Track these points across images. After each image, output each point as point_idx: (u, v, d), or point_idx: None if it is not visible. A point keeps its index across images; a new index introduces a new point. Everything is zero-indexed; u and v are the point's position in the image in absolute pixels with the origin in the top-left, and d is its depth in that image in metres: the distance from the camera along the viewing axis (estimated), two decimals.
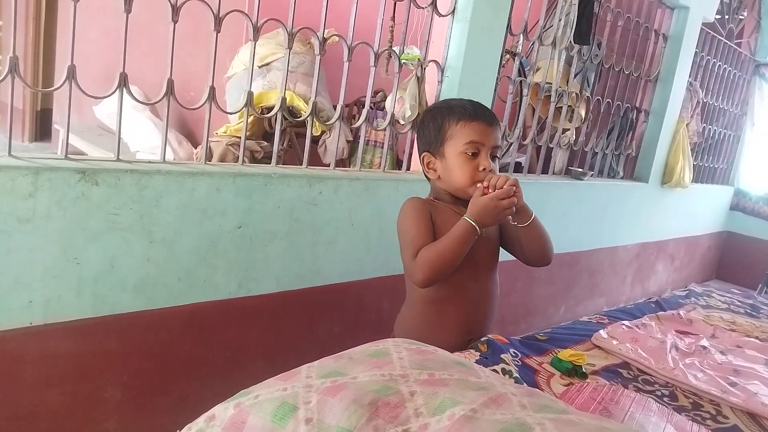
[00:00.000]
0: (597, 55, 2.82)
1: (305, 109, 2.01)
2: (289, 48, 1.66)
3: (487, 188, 1.25)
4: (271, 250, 1.66)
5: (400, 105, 2.07)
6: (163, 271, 1.46)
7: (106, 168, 1.34)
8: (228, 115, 2.29)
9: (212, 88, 1.54)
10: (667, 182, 3.48)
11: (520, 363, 1.31)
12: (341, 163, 2.53)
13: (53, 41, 4.70)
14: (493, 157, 1.34)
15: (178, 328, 1.54)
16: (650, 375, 1.43)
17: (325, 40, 1.71)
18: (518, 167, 2.81)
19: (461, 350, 1.30)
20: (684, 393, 1.36)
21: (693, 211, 4.05)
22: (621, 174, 3.30)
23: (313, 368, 0.86)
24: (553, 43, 2.50)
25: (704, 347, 1.64)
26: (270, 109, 1.83)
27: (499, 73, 2.24)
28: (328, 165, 1.89)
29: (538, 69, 2.62)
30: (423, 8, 1.96)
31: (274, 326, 1.75)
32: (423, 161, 1.40)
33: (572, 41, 2.54)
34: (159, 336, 1.51)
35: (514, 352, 1.33)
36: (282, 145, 2.48)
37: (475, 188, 1.28)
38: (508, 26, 2.18)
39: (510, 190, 1.23)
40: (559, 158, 2.86)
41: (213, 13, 1.48)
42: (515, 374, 1.21)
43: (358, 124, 1.95)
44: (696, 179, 3.93)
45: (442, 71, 2.08)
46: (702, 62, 3.60)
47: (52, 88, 1.36)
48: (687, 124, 3.49)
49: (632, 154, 3.34)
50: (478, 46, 2.05)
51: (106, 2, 1.84)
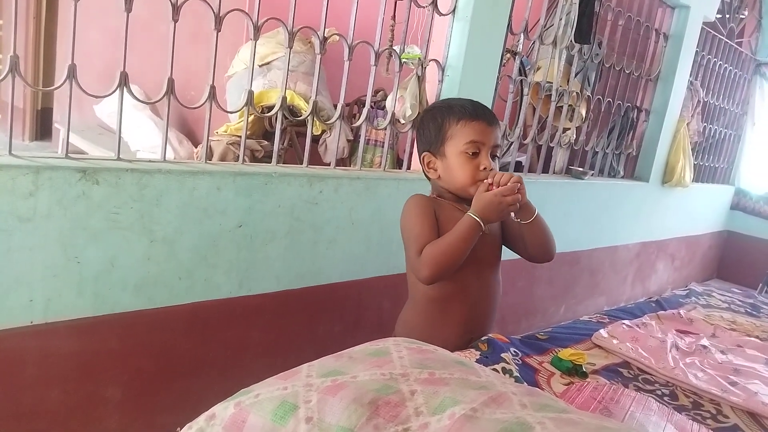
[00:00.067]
0: (598, 54, 2.81)
1: (306, 108, 2.01)
2: (290, 47, 1.66)
3: (491, 185, 1.26)
4: (271, 249, 1.66)
5: (401, 104, 2.07)
6: (163, 270, 1.46)
7: (107, 167, 1.34)
8: (228, 114, 2.29)
9: (213, 87, 1.54)
10: (667, 181, 3.48)
11: (520, 362, 1.31)
12: (342, 162, 2.53)
13: (54, 40, 4.70)
14: (494, 156, 1.34)
15: (179, 328, 1.54)
16: (650, 374, 1.43)
17: (325, 39, 1.71)
18: (519, 166, 2.81)
19: (462, 349, 1.30)
20: (684, 392, 1.36)
21: (693, 211, 4.05)
22: (621, 173, 3.30)
23: (313, 367, 0.86)
24: (554, 43, 2.50)
25: (705, 347, 1.64)
26: (270, 108, 1.83)
27: (499, 72, 2.23)
28: (329, 164, 1.89)
29: (538, 68, 2.62)
30: (423, 7, 1.96)
31: (275, 325, 1.75)
32: (423, 161, 1.40)
33: (573, 40, 2.54)
34: (159, 335, 1.51)
35: (515, 351, 1.33)
36: (282, 144, 2.48)
37: (476, 187, 1.29)
38: (509, 25, 2.17)
39: (514, 187, 1.24)
40: (560, 157, 2.86)
41: (213, 12, 1.48)
42: (515, 373, 1.21)
43: (358, 123, 1.95)
44: (696, 179, 3.93)
45: (443, 70, 2.07)
46: (703, 61, 3.60)
47: (52, 87, 1.36)
48: (688, 124, 3.48)
49: (633, 154, 3.33)
50: (478, 46, 2.05)
51: (107, 1, 1.84)
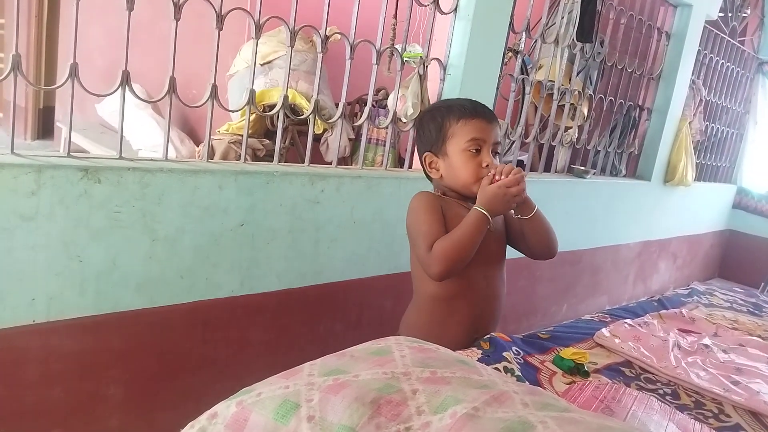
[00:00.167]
0: (599, 53, 2.81)
1: (307, 107, 2.00)
2: (291, 46, 1.66)
3: (495, 176, 1.27)
4: (273, 248, 1.66)
5: (402, 103, 2.06)
6: (165, 269, 1.46)
7: (109, 166, 1.34)
8: (230, 113, 2.29)
9: (214, 86, 1.54)
10: (669, 180, 3.47)
11: (522, 361, 1.31)
12: (343, 161, 2.52)
13: (55, 39, 4.70)
14: (495, 153, 1.36)
15: (180, 326, 1.54)
16: (652, 373, 1.43)
17: (327, 38, 1.70)
18: (520, 165, 2.81)
19: (467, 347, 1.30)
20: (686, 391, 1.36)
21: (695, 210, 4.05)
22: (623, 172, 3.30)
23: (315, 366, 0.86)
24: (556, 41, 2.49)
25: (707, 346, 1.63)
26: (272, 107, 1.83)
27: (501, 71, 2.23)
28: (330, 163, 1.89)
29: (540, 67, 2.62)
30: (425, 6, 1.96)
31: (276, 324, 1.75)
32: (425, 161, 1.41)
33: (575, 39, 2.53)
34: (161, 334, 1.51)
35: (517, 351, 1.33)
36: (284, 143, 2.47)
37: (479, 185, 1.30)
38: (511, 24, 2.17)
39: (518, 178, 1.26)
40: (562, 156, 2.86)
41: (215, 11, 1.48)
42: (517, 372, 1.21)
43: (360, 122, 1.95)
44: (698, 177, 3.92)
45: (445, 69, 2.07)
46: (705, 60, 3.59)
47: (54, 86, 1.36)
48: (690, 122, 3.48)
49: (635, 153, 3.33)
50: (480, 44, 2.05)
51: (109, 0, 1.84)
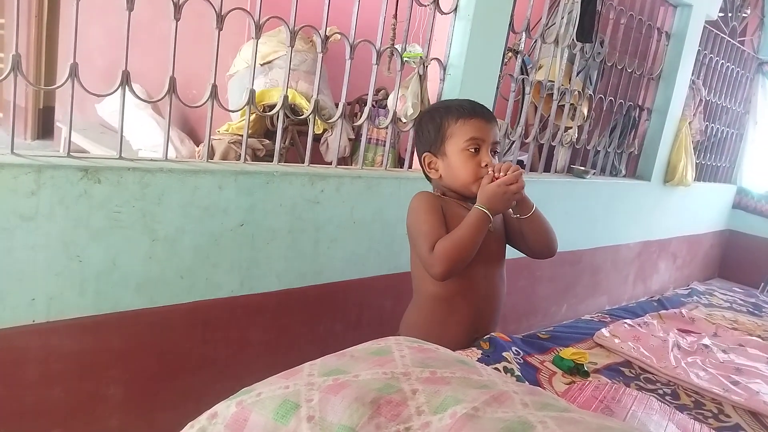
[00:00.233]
0: (599, 53, 2.81)
1: (307, 107, 2.00)
2: (291, 46, 1.66)
3: (495, 175, 1.28)
4: (273, 248, 1.66)
5: (402, 103, 2.06)
6: (165, 269, 1.46)
7: (109, 166, 1.34)
8: (230, 113, 2.29)
9: (214, 86, 1.54)
10: (669, 180, 3.47)
11: (522, 361, 1.31)
12: (343, 161, 2.52)
13: (55, 39, 4.70)
14: (494, 152, 1.36)
15: (180, 327, 1.54)
16: (652, 373, 1.43)
17: (327, 38, 1.70)
18: (520, 165, 2.81)
19: (467, 347, 1.30)
20: (686, 392, 1.36)
21: (695, 210, 4.05)
22: (623, 172, 3.30)
23: (315, 366, 0.86)
24: (556, 41, 2.49)
25: (706, 346, 1.63)
26: (272, 107, 1.83)
27: (501, 71, 2.23)
28: (330, 163, 1.89)
29: (540, 67, 2.62)
30: (425, 6, 1.96)
31: (276, 324, 1.75)
32: (424, 162, 1.41)
33: (575, 39, 2.53)
34: (161, 334, 1.51)
35: (516, 351, 1.33)
36: (284, 143, 2.47)
37: (479, 185, 1.30)
38: (511, 24, 2.17)
39: (516, 175, 1.26)
40: (562, 156, 2.86)
41: (215, 11, 1.48)
42: (517, 372, 1.21)
43: (360, 122, 1.95)
44: (698, 177, 3.93)
45: (445, 69, 2.07)
46: (705, 60, 3.59)
47: (54, 86, 1.36)
48: (690, 123, 3.48)
49: (635, 153, 3.33)
50: (480, 44, 2.05)
51: (109, 0, 1.84)
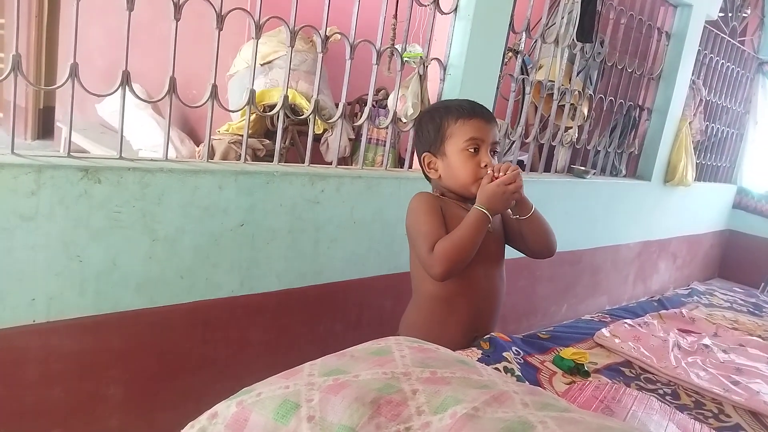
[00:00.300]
0: (600, 53, 2.81)
1: (307, 107, 2.00)
2: (291, 46, 1.66)
3: (494, 175, 1.28)
4: (273, 248, 1.66)
5: (402, 103, 2.06)
6: (165, 269, 1.46)
7: (109, 166, 1.34)
8: (230, 113, 2.29)
9: (214, 86, 1.54)
10: (669, 180, 3.47)
11: (522, 361, 1.31)
12: (343, 161, 2.52)
13: (55, 39, 4.70)
14: (493, 152, 1.36)
15: (180, 327, 1.54)
16: (652, 373, 1.43)
17: (327, 38, 1.70)
18: (521, 165, 2.81)
19: (466, 347, 1.30)
20: (686, 392, 1.36)
21: (695, 210, 4.04)
22: (623, 172, 3.30)
23: (315, 366, 0.86)
24: (556, 41, 2.49)
25: (706, 346, 1.63)
26: (272, 107, 1.83)
27: (501, 71, 2.23)
28: (330, 163, 1.89)
29: (540, 67, 2.62)
30: (425, 6, 1.96)
31: (276, 324, 1.75)
32: (423, 162, 1.41)
33: (575, 39, 2.53)
34: (161, 334, 1.51)
35: (517, 351, 1.33)
36: (284, 143, 2.47)
37: (478, 186, 1.30)
38: (511, 24, 2.17)
39: (514, 175, 1.27)
40: (562, 156, 2.86)
41: (215, 11, 1.48)
42: (517, 372, 1.21)
43: (360, 122, 1.95)
44: (699, 177, 3.92)
45: (445, 69, 2.07)
46: (705, 60, 3.59)
47: (54, 86, 1.36)
48: (690, 122, 3.47)
49: (635, 153, 3.33)
50: (480, 44, 2.05)
51: (109, 0, 1.84)
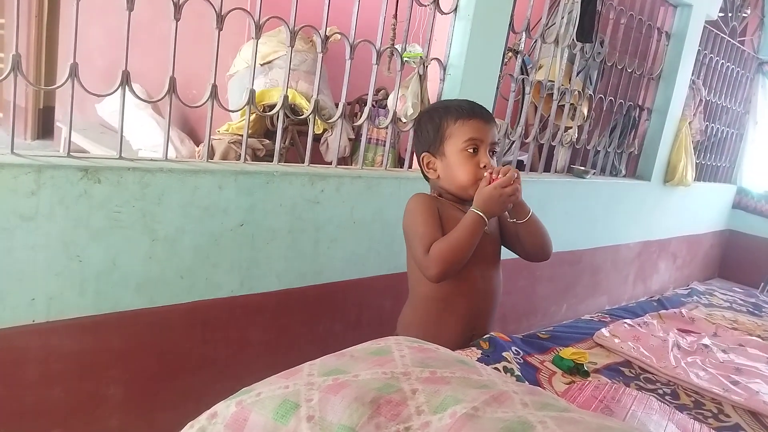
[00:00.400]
0: (600, 53, 2.81)
1: (307, 107, 2.00)
2: (291, 46, 1.66)
3: (492, 177, 1.28)
4: (272, 248, 1.66)
5: (402, 103, 2.07)
6: (165, 269, 1.46)
7: (109, 166, 1.34)
8: (230, 113, 2.29)
9: (214, 86, 1.54)
10: (669, 180, 3.47)
11: (521, 361, 1.31)
12: (343, 161, 2.52)
13: (55, 39, 4.70)
14: (492, 153, 1.36)
15: (180, 326, 1.54)
16: (652, 373, 1.43)
17: (327, 38, 1.70)
18: (520, 165, 2.81)
19: (463, 347, 1.30)
20: (686, 391, 1.36)
21: (695, 210, 4.05)
22: (623, 172, 3.30)
23: (314, 366, 0.86)
24: (556, 41, 2.49)
25: (706, 346, 1.63)
26: (272, 107, 1.83)
27: (501, 71, 2.23)
28: (330, 163, 1.89)
29: (540, 67, 2.62)
30: (425, 6, 1.96)
31: (276, 324, 1.75)
32: (422, 162, 1.41)
33: (575, 39, 2.53)
34: (161, 334, 1.51)
35: (516, 350, 1.33)
36: (284, 143, 2.47)
37: (476, 188, 1.30)
38: (511, 24, 2.17)
39: (512, 177, 1.26)
40: (561, 156, 2.86)
41: (215, 11, 1.48)
42: (517, 372, 1.21)
43: (360, 122, 1.95)
44: (698, 177, 3.92)
45: (445, 69, 2.07)
46: (705, 60, 3.59)
47: (54, 86, 1.36)
48: (690, 122, 3.48)
49: (635, 153, 3.33)
50: (480, 44, 2.05)
51: (109, 0, 1.84)
